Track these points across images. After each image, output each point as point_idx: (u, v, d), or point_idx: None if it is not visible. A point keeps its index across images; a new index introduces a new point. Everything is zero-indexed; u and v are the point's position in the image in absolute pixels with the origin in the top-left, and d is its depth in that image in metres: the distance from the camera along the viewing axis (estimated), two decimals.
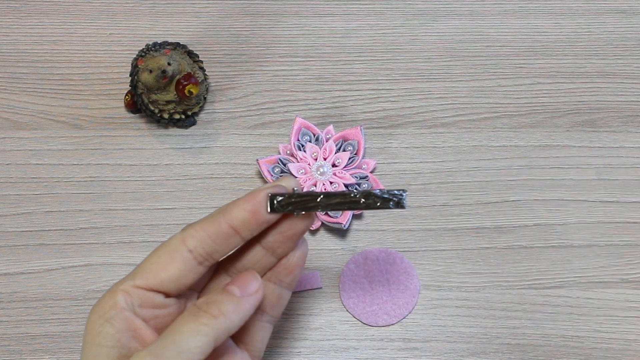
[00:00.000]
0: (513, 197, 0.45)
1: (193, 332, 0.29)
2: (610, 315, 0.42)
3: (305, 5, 0.52)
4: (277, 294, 0.34)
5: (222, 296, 0.30)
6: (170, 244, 0.31)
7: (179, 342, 0.28)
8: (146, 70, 0.43)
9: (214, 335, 0.29)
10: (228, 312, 0.30)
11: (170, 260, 0.30)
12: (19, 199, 0.45)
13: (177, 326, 0.29)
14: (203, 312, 0.29)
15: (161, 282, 0.30)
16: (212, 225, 0.31)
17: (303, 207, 0.31)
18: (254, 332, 0.34)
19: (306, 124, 0.45)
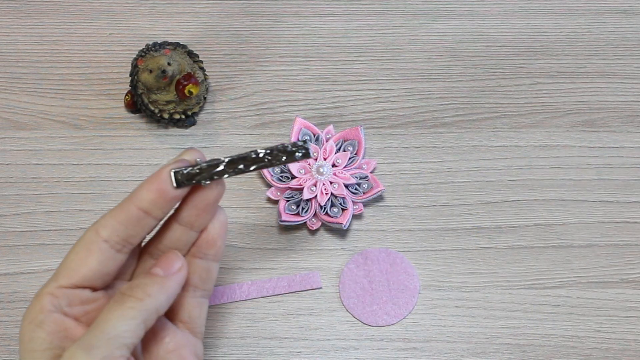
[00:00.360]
0: (513, 197, 0.45)
1: (120, 317, 0.29)
2: (610, 315, 0.42)
3: (305, 5, 0.52)
4: (205, 267, 0.34)
5: (145, 279, 0.31)
6: (85, 238, 0.31)
7: (107, 330, 0.28)
8: (146, 70, 0.43)
9: (143, 317, 0.29)
10: (153, 293, 0.30)
11: (88, 254, 0.31)
12: (19, 199, 0.45)
13: (103, 314, 0.29)
14: (128, 297, 0.30)
15: (84, 277, 0.31)
16: (122, 212, 0.31)
17: (209, 176, 0.31)
18: (190, 309, 0.34)
19: (306, 124, 0.45)
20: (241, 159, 0.31)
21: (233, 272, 0.43)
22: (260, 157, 0.31)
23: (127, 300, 0.29)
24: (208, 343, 0.41)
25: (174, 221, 0.33)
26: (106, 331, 0.28)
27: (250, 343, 0.41)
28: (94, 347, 0.28)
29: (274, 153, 0.31)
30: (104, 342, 0.28)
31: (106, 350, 0.28)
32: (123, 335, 0.29)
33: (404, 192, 0.45)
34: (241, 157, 0.31)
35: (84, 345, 0.28)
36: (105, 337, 0.28)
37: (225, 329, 0.41)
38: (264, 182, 0.45)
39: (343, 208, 0.43)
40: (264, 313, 0.42)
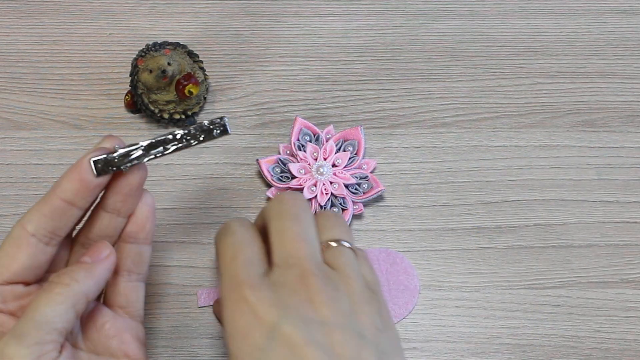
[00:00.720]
0: (513, 197, 0.45)
1: (48, 303, 0.29)
2: (610, 315, 0.42)
3: (305, 5, 0.52)
4: (137, 251, 0.35)
5: (73, 267, 0.31)
6: (12, 233, 0.31)
7: (36, 316, 0.29)
8: (146, 70, 0.43)
9: (71, 302, 0.30)
10: (80, 278, 0.30)
11: (17, 250, 0.31)
12: (19, 199, 0.45)
13: (32, 303, 0.30)
14: (55, 284, 0.30)
15: (15, 273, 0.31)
16: (46, 204, 0.31)
17: (129, 161, 0.32)
18: (127, 294, 0.35)
19: (306, 124, 0.45)
20: (160, 142, 0.32)
21: None
22: (178, 138, 0.32)
23: (55, 287, 0.30)
24: (208, 343, 0.41)
25: (101, 209, 0.34)
26: (35, 318, 0.29)
27: None
28: (24, 335, 0.28)
29: (192, 132, 0.32)
30: (34, 329, 0.29)
31: (37, 336, 0.28)
32: (52, 320, 0.29)
33: (404, 192, 0.45)
34: (159, 140, 0.32)
35: (15, 334, 0.29)
36: (35, 323, 0.29)
37: None
38: (264, 182, 0.45)
39: (343, 208, 0.43)
40: None
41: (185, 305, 0.42)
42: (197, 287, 0.42)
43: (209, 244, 0.43)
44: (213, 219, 0.44)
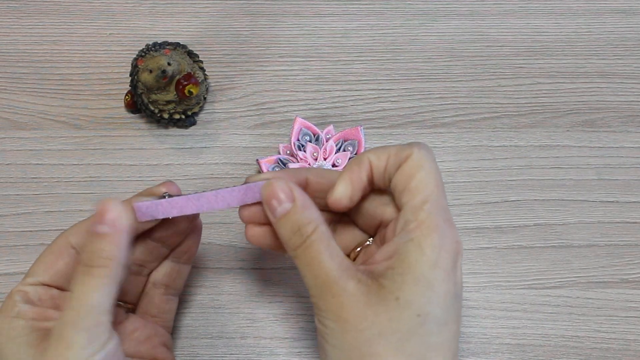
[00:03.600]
0: (513, 197, 0.45)
1: (95, 287, 0.30)
2: (610, 315, 0.42)
3: (305, 5, 0.52)
4: (177, 269, 0.37)
5: (97, 242, 0.30)
6: (56, 242, 0.33)
7: (87, 301, 0.29)
8: (146, 70, 0.43)
9: (114, 279, 0.30)
10: (112, 253, 0.30)
11: (57, 257, 0.32)
12: (19, 199, 0.45)
13: (77, 288, 0.30)
14: (94, 268, 0.30)
15: (51, 278, 0.32)
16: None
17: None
18: (161, 305, 0.37)
19: (306, 124, 0.45)
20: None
21: (233, 271, 0.43)
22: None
23: (93, 270, 0.30)
24: (208, 343, 0.41)
25: (147, 236, 0.35)
26: (86, 302, 0.29)
27: (250, 343, 0.41)
28: (80, 320, 0.29)
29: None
30: (87, 313, 0.29)
31: (93, 319, 0.29)
32: (103, 302, 0.30)
33: None
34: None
35: (69, 320, 0.29)
36: (87, 308, 0.29)
37: (225, 329, 0.41)
38: None
39: None
40: (264, 313, 0.42)
41: (185, 305, 0.42)
42: (198, 287, 0.42)
43: (209, 244, 0.43)
44: (213, 219, 0.44)
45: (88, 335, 0.29)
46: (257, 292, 0.42)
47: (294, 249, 0.31)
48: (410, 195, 0.31)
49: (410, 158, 0.31)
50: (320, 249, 0.30)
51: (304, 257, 0.30)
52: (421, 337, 0.29)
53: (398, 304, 0.29)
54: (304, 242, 0.30)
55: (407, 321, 0.29)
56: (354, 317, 0.29)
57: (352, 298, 0.29)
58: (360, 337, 0.29)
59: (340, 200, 0.32)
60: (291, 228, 0.31)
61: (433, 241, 0.30)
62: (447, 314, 0.29)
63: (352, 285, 0.29)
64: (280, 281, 0.42)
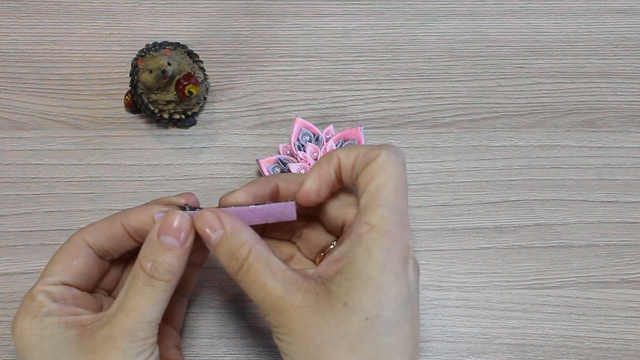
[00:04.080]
0: (513, 197, 0.45)
1: (154, 301, 0.30)
2: (610, 315, 0.42)
3: (305, 5, 0.52)
4: (189, 272, 0.37)
5: (164, 254, 0.31)
6: (72, 241, 0.33)
7: (145, 314, 0.30)
8: (146, 70, 0.43)
9: (169, 295, 0.31)
10: (175, 269, 0.31)
11: (74, 257, 0.33)
12: (19, 199, 0.45)
13: (136, 297, 0.30)
14: (156, 280, 0.30)
15: (71, 277, 0.32)
16: (109, 226, 0.33)
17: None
18: (172, 307, 0.36)
19: (306, 124, 0.45)
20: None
21: None
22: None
23: (156, 283, 0.30)
24: (208, 343, 0.41)
25: None
26: (146, 315, 0.30)
27: (250, 343, 0.41)
28: (137, 331, 0.30)
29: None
30: (146, 325, 0.30)
31: (148, 333, 0.30)
32: (158, 316, 0.31)
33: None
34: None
35: (126, 329, 0.30)
36: (147, 321, 0.30)
37: (225, 329, 0.41)
38: None
39: None
40: None
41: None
42: (198, 287, 0.42)
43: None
44: None
45: (141, 344, 0.30)
46: None
47: (234, 275, 0.31)
48: (368, 198, 0.31)
49: (376, 160, 0.31)
50: (259, 269, 0.30)
51: (246, 281, 0.31)
52: (372, 340, 0.29)
53: (346, 309, 0.29)
54: (242, 267, 0.31)
55: (356, 325, 0.29)
56: (304, 327, 0.29)
57: (300, 310, 0.29)
58: (311, 345, 0.29)
59: (307, 194, 0.33)
60: (227, 254, 0.31)
61: (382, 245, 0.30)
62: (398, 316, 0.29)
63: (298, 297, 0.30)
64: None
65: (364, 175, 0.31)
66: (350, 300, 0.29)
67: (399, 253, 0.30)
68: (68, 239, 0.33)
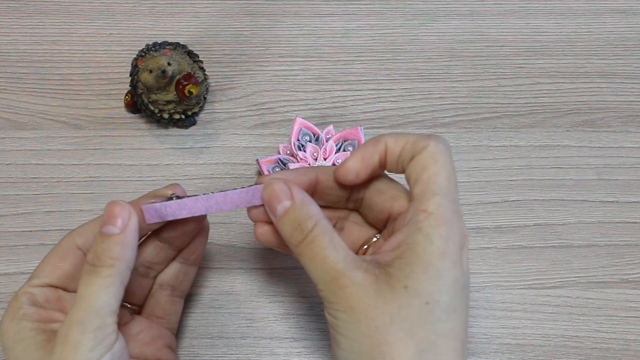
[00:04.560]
0: (513, 197, 0.45)
1: (101, 287, 0.30)
2: (610, 315, 0.42)
3: (305, 5, 0.52)
4: (184, 271, 0.37)
5: (105, 242, 0.31)
6: (61, 243, 0.33)
7: (93, 302, 0.30)
8: (146, 70, 0.43)
9: (119, 280, 0.30)
10: (119, 254, 0.31)
11: (63, 259, 0.32)
12: (19, 199, 0.45)
13: (84, 288, 0.30)
14: (99, 267, 0.30)
15: (58, 278, 0.32)
16: (96, 226, 0.33)
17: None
18: (165, 306, 0.37)
19: (306, 124, 0.45)
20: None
21: (233, 272, 0.43)
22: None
23: (100, 270, 0.30)
24: (208, 343, 0.41)
25: (154, 237, 0.35)
26: (93, 303, 0.29)
27: (250, 343, 0.41)
28: (86, 321, 0.29)
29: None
30: (94, 314, 0.29)
31: (99, 320, 0.29)
32: (109, 303, 0.30)
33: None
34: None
35: (75, 321, 0.29)
36: (94, 308, 0.29)
37: (226, 329, 0.41)
38: None
39: None
40: (264, 313, 0.42)
41: (185, 305, 0.41)
42: (198, 287, 0.42)
43: (209, 244, 0.43)
44: (213, 219, 0.44)
45: (94, 336, 0.29)
46: (257, 292, 0.42)
47: (296, 246, 0.31)
48: (422, 187, 0.31)
49: (426, 149, 0.32)
50: (323, 242, 0.30)
51: (308, 253, 0.30)
52: (431, 324, 0.29)
53: (407, 292, 0.29)
54: (306, 238, 0.30)
55: (416, 308, 0.29)
56: (364, 306, 0.29)
57: (361, 288, 0.29)
58: (372, 325, 0.29)
59: (347, 172, 0.33)
60: (292, 225, 0.31)
61: (441, 232, 0.30)
62: (456, 302, 0.30)
63: (359, 275, 0.30)
64: (280, 281, 0.42)
65: (414, 165, 0.32)
66: (412, 284, 0.29)
67: (457, 241, 0.30)
68: (59, 241, 0.33)
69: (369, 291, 0.29)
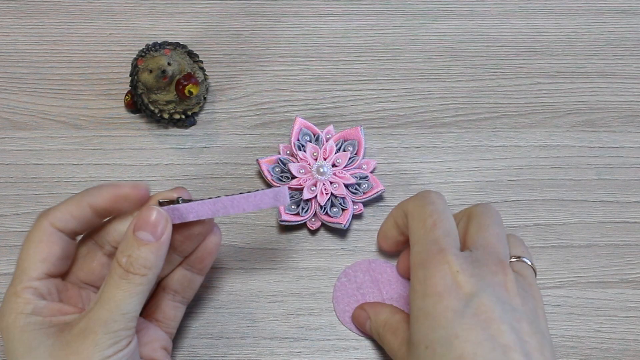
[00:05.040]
0: (513, 197, 0.45)
1: (130, 294, 0.31)
2: (610, 315, 0.42)
3: (305, 5, 0.52)
4: (189, 278, 0.37)
5: (140, 249, 0.31)
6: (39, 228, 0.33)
7: (121, 306, 0.30)
8: (146, 70, 0.43)
9: (147, 289, 0.31)
10: (153, 263, 0.31)
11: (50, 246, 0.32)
12: (19, 199, 0.45)
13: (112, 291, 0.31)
14: (132, 274, 0.31)
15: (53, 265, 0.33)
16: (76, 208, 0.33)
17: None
18: (166, 311, 0.37)
19: (306, 124, 0.45)
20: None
21: (233, 272, 0.43)
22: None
23: (133, 277, 0.31)
24: (208, 343, 0.41)
25: None
26: (121, 307, 0.30)
27: (250, 343, 0.41)
28: (110, 322, 0.30)
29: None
30: (119, 317, 0.30)
31: (122, 324, 0.30)
32: (135, 309, 0.31)
33: (404, 192, 0.45)
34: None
35: (100, 321, 0.30)
36: (121, 312, 0.30)
37: (226, 329, 0.41)
38: (264, 182, 0.45)
39: (343, 208, 0.43)
40: (264, 313, 0.42)
41: None
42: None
43: None
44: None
45: (115, 336, 0.30)
46: (257, 292, 0.42)
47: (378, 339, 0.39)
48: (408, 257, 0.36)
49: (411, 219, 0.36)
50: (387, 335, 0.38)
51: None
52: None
53: (412, 348, 0.32)
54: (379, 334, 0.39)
55: (422, 357, 0.31)
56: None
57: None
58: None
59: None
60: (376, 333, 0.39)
61: (418, 277, 0.32)
62: (455, 329, 0.30)
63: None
64: (280, 281, 0.42)
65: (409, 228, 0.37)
66: (413, 338, 0.32)
67: (436, 272, 0.31)
68: (34, 227, 0.33)
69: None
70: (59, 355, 0.30)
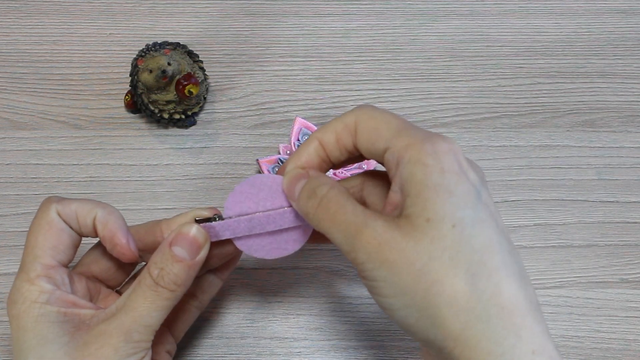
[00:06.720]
0: (513, 197, 0.45)
1: (157, 308, 0.31)
2: (610, 315, 0.42)
3: (305, 5, 0.52)
4: (210, 282, 0.37)
5: (174, 265, 0.31)
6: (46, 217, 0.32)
7: (145, 318, 0.30)
8: (146, 70, 0.43)
9: (172, 305, 0.31)
10: (183, 282, 0.31)
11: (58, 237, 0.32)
12: (19, 199, 0.45)
13: (139, 301, 0.31)
14: (162, 288, 0.31)
15: (65, 257, 0.32)
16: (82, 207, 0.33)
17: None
18: (181, 315, 0.36)
19: (306, 124, 0.45)
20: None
21: (233, 272, 0.43)
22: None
23: (162, 292, 0.31)
24: (208, 343, 0.41)
25: None
26: (145, 319, 0.30)
27: (250, 343, 0.41)
28: (133, 331, 0.30)
29: None
30: (142, 328, 0.30)
31: (144, 336, 0.30)
32: (157, 322, 0.31)
33: None
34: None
35: (123, 329, 0.30)
36: (144, 324, 0.30)
37: (226, 329, 0.41)
38: None
39: None
40: (264, 313, 0.42)
41: None
42: None
43: None
44: None
45: (135, 348, 0.30)
46: (257, 292, 0.42)
47: (314, 213, 0.30)
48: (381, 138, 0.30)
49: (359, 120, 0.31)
50: (340, 200, 0.29)
51: (326, 215, 0.29)
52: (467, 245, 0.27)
53: (431, 224, 0.27)
54: (321, 201, 0.29)
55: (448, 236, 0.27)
56: (398, 253, 0.27)
57: (387, 236, 0.28)
58: (413, 271, 0.27)
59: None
60: (307, 194, 0.30)
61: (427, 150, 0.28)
62: (479, 213, 0.28)
63: (380, 223, 0.28)
64: (280, 281, 0.42)
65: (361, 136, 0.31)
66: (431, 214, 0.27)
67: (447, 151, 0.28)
68: (41, 213, 0.32)
69: (396, 236, 0.27)
70: (75, 355, 0.29)
